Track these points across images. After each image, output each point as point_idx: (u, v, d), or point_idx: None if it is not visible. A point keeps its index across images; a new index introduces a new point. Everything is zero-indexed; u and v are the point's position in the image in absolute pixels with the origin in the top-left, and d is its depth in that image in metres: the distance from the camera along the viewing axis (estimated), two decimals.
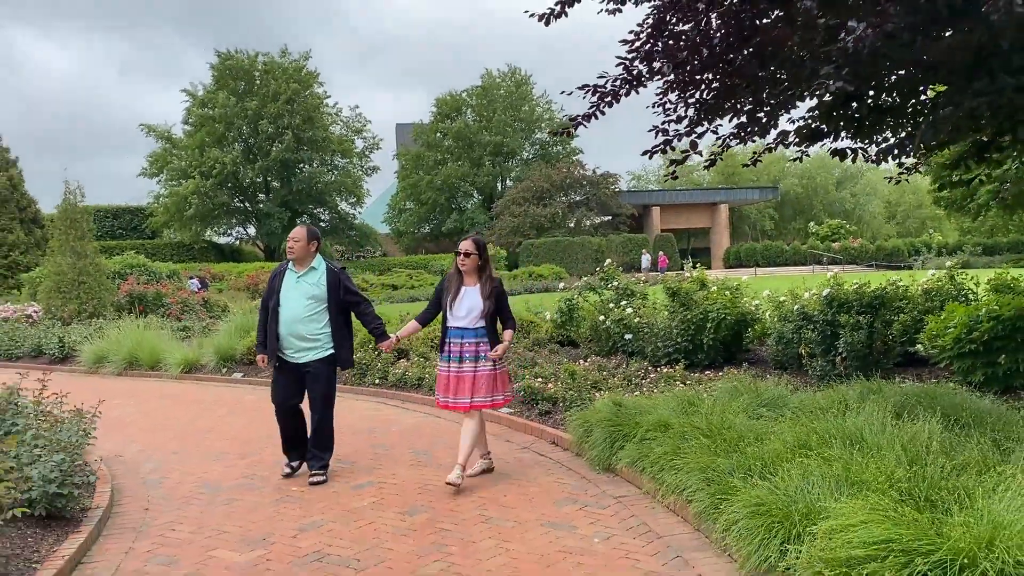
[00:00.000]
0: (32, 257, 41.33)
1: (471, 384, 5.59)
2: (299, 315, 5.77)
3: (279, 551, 4.43)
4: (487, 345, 5.62)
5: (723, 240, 55.65)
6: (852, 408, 5.48)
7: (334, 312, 5.86)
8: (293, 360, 5.82)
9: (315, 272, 5.89)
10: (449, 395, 5.66)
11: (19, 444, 4.81)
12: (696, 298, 9.81)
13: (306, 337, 5.78)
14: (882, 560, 3.04)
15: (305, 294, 5.81)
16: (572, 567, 4.03)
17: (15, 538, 4.30)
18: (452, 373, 5.64)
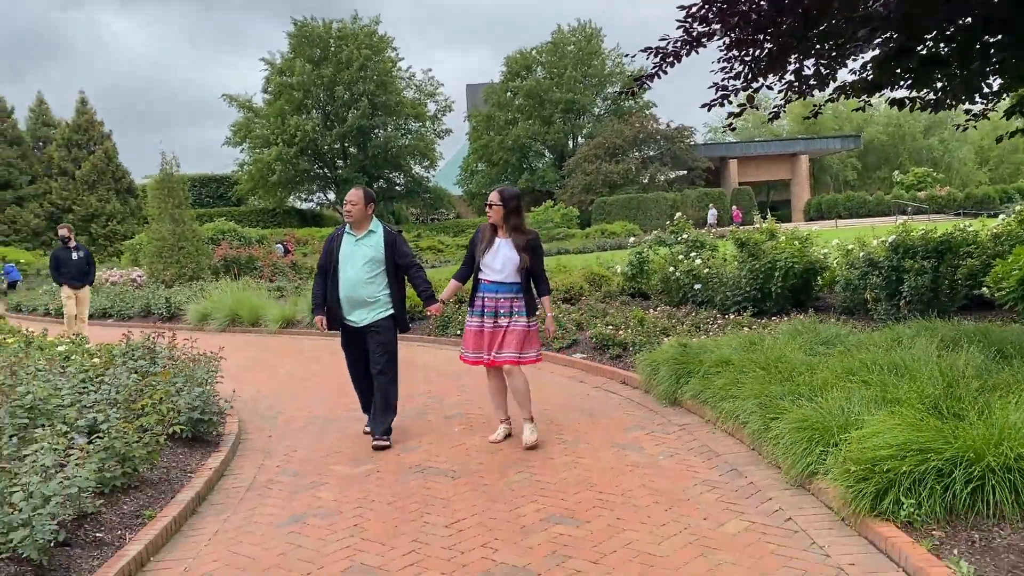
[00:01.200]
0: (128, 226, 43.73)
1: (502, 339, 5.38)
2: (360, 278, 5.68)
3: (387, 466, 5.17)
4: (521, 302, 5.41)
5: (803, 192, 54.56)
6: (904, 344, 5.89)
7: (392, 274, 5.79)
8: (355, 324, 5.76)
9: (373, 235, 5.81)
10: (482, 351, 5.43)
11: (168, 379, 5.67)
12: (764, 248, 10.17)
13: (367, 300, 5.70)
14: (901, 458, 3.54)
15: (364, 257, 5.71)
16: (639, 477, 4.63)
17: (171, 455, 5.15)
18: (487, 329, 5.41)
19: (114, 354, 6.71)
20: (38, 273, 33.45)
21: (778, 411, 4.71)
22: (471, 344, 5.50)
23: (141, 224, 43.99)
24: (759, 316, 9.50)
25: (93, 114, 44.46)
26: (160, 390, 5.25)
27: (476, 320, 5.47)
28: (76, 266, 12.67)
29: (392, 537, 3.96)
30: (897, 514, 3.50)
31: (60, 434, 4.21)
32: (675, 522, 3.93)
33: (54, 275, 12.91)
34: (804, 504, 4.03)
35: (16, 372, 5.18)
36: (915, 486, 3.52)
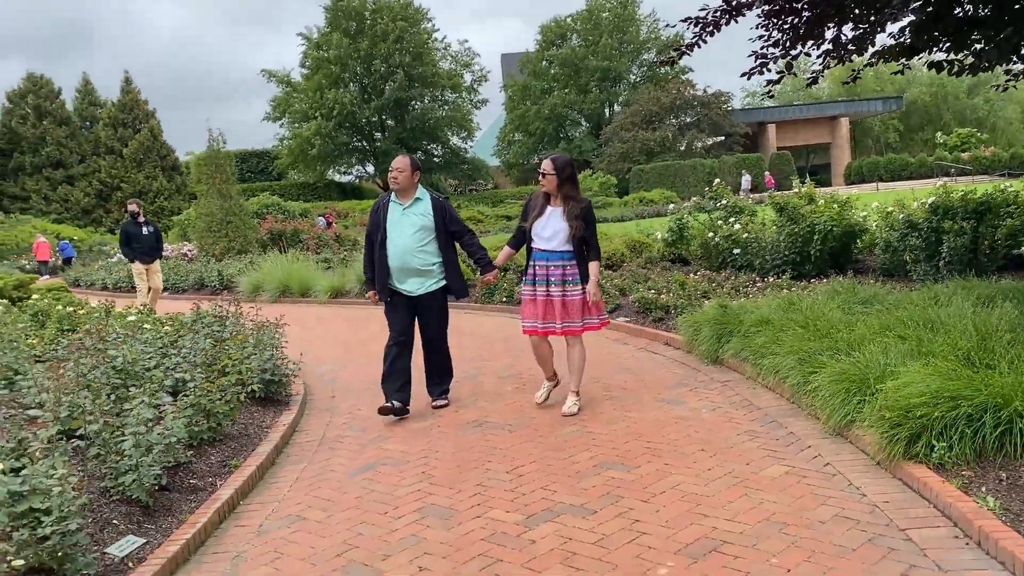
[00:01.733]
0: (175, 202, 44.81)
1: (561, 309, 5.36)
2: (410, 247, 5.61)
3: (446, 422, 5.54)
4: (575, 269, 5.38)
5: (844, 155, 53.76)
6: (941, 302, 6.08)
7: (443, 242, 5.72)
8: (406, 292, 5.69)
9: (421, 202, 5.73)
10: (537, 320, 5.43)
11: (240, 344, 6.08)
12: (803, 212, 10.30)
13: (418, 269, 5.64)
14: (934, 405, 3.78)
15: (413, 225, 5.64)
16: (684, 428, 4.93)
17: (247, 413, 5.56)
18: (540, 297, 5.40)
19: (184, 322, 7.15)
20: (90, 249, 34.52)
21: (817, 365, 4.96)
22: (527, 313, 5.47)
23: (187, 200, 45.14)
24: (798, 279, 9.67)
25: (137, 93, 45.43)
26: (235, 354, 5.66)
27: (529, 288, 5.47)
28: (147, 241, 12.92)
29: (458, 482, 4.32)
30: (929, 457, 3.75)
31: (151, 392, 4.62)
32: (719, 467, 4.22)
33: (125, 250, 13.20)
34: (841, 451, 4.30)
35: (104, 338, 5.61)
36: (946, 431, 3.76)
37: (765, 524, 3.48)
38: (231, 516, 4.11)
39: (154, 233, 13.17)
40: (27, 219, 37.16)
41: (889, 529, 3.34)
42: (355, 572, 3.35)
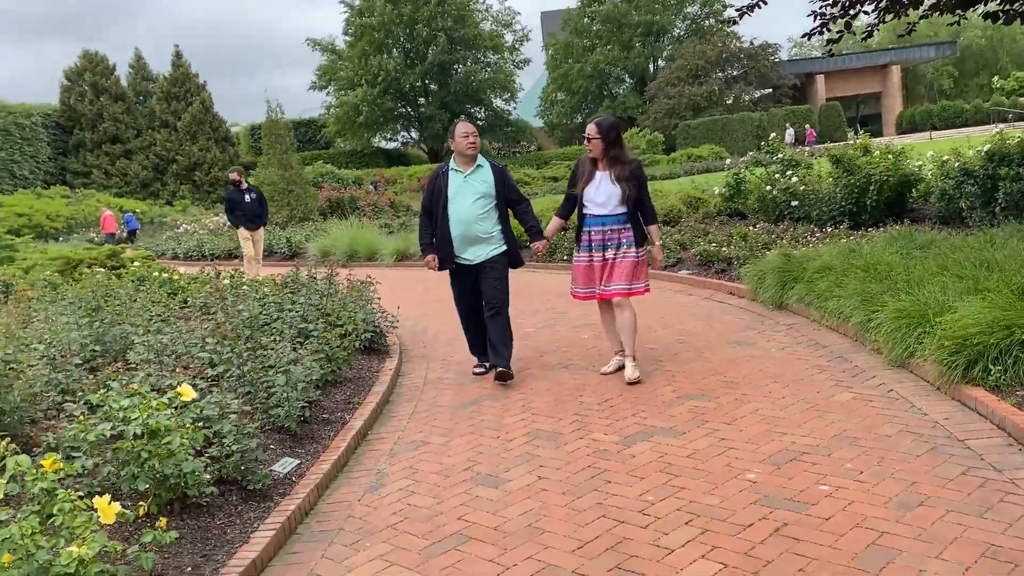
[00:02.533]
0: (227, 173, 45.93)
1: (611, 271, 5.36)
2: (473, 214, 5.58)
3: (534, 365, 6.11)
4: (630, 232, 5.36)
5: (895, 104, 52.70)
6: (996, 244, 6.42)
7: (502, 209, 5.72)
8: (468, 262, 5.67)
9: (482, 169, 5.70)
10: (593, 285, 5.44)
11: (340, 302, 6.70)
12: (859, 163, 10.56)
13: (481, 236, 5.62)
14: (989, 334, 4.21)
15: (475, 192, 5.61)
16: (756, 365, 5.41)
17: (356, 361, 6.19)
18: (595, 263, 5.40)
19: (283, 283, 7.79)
20: (151, 221, 35.72)
21: (878, 305, 5.39)
22: (582, 279, 5.48)
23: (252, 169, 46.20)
24: (855, 229, 9.96)
25: (188, 67, 46.32)
26: (340, 310, 6.28)
27: (585, 255, 5.46)
28: (250, 208, 13.02)
29: (557, 412, 4.88)
30: (986, 380, 4.19)
31: (279, 341, 5.25)
32: (792, 395, 4.71)
33: (229, 217, 13.39)
34: (904, 379, 4.75)
35: (225, 296, 6.26)
36: (1001, 356, 4.19)
37: (837, 439, 3.97)
38: (364, 442, 4.73)
39: (257, 199, 13.22)
40: (91, 193, 38.50)
41: (950, 440, 3.80)
42: (483, 480, 3.94)
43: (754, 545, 3.01)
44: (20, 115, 41.89)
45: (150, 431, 3.31)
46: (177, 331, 5.38)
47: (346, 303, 6.70)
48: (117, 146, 44.34)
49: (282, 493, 3.85)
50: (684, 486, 3.60)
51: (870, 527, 3.04)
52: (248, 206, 13.04)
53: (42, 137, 42.97)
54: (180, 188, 44.72)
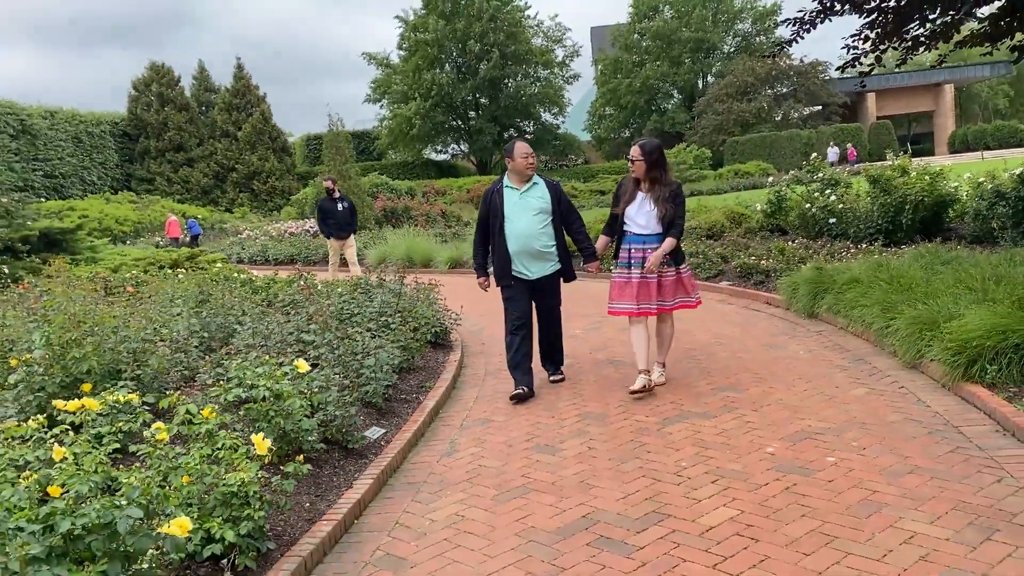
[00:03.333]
0: (285, 182, 47.41)
1: (657, 289, 5.55)
2: (532, 230, 5.70)
3: (582, 360, 6.80)
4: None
5: (948, 124, 52.30)
6: (1016, 262, 6.93)
7: (558, 225, 5.85)
8: (525, 276, 5.79)
9: (537, 186, 5.83)
10: (634, 302, 5.56)
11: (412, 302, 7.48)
12: (896, 184, 11.07)
13: (539, 252, 5.74)
14: (987, 337, 4.80)
15: (533, 208, 5.72)
16: (784, 364, 6.04)
17: (425, 353, 6.95)
18: (635, 280, 5.55)
19: (356, 285, 8.60)
20: (212, 227, 37.20)
21: (896, 313, 5.98)
22: (622, 296, 5.60)
23: (296, 180, 47.75)
24: (889, 246, 10.46)
25: (249, 79, 48.05)
26: (412, 308, 7.06)
27: (624, 271, 5.62)
28: (342, 216, 13.14)
29: (603, 398, 5.58)
30: (983, 378, 4.77)
31: (365, 330, 6.03)
32: (813, 389, 5.34)
33: (321, 226, 13.50)
34: (914, 378, 5.34)
35: (312, 295, 7.07)
36: (997, 357, 4.77)
37: (848, 423, 4.60)
38: (436, 419, 5.48)
39: (348, 208, 13.33)
40: (155, 199, 40.20)
41: (946, 427, 4.40)
42: (541, 449, 4.65)
43: (767, 498, 3.67)
44: (91, 123, 43.93)
45: (275, 395, 4.09)
46: (276, 322, 6.19)
47: (415, 303, 7.47)
48: (180, 154, 46.13)
49: (375, 453, 4.61)
50: (713, 456, 4.27)
51: (864, 487, 3.68)
52: (340, 215, 13.24)
53: (110, 145, 44.98)
54: (239, 196, 46.33)
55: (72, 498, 2.59)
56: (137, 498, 2.67)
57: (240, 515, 3.18)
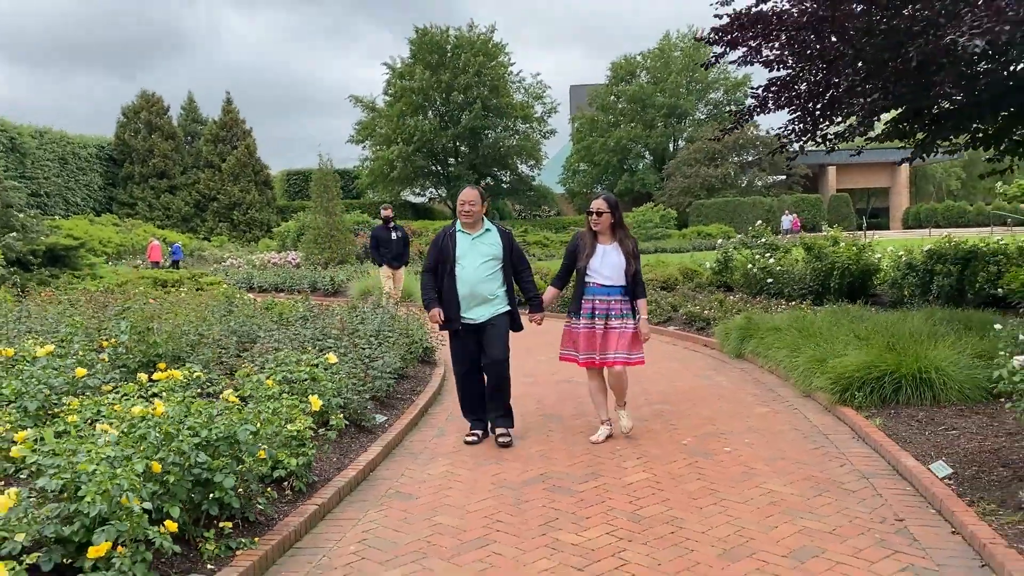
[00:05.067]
0: (265, 214, 48.57)
1: (616, 340, 5.66)
2: (481, 275, 5.75)
3: (543, 378, 8.15)
4: (629, 304, 5.74)
5: (902, 201, 55.14)
6: (907, 320, 8.45)
7: (508, 272, 5.90)
8: (472, 321, 5.80)
9: (490, 233, 5.89)
10: (595, 352, 5.70)
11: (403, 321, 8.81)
12: (827, 252, 12.69)
13: (487, 297, 5.78)
14: (858, 371, 6.24)
15: (484, 255, 5.79)
16: (710, 390, 7.45)
17: (415, 367, 8.26)
18: (598, 330, 5.67)
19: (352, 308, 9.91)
20: (192, 254, 38.17)
21: (799, 353, 7.44)
22: (584, 345, 5.73)
23: (276, 213, 48.98)
24: (818, 304, 12.01)
25: (237, 112, 49.46)
26: (408, 326, 8.39)
27: (586, 322, 5.73)
28: (395, 246, 13.24)
29: (562, 404, 6.93)
30: (852, 402, 6.20)
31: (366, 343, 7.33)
32: (727, 408, 6.74)
33: (374, 254, 13.54)
34: (805, 403, 6.77)
35: (324, 310, 8.37)
36: (863, 386, 6.21)
37: (746, 430, 5.99)
38: (427, 414, 6.79)
39: (402, 238, 13.40)
40: (138, 223, 41.12)
41: (819, 435, 5.81)
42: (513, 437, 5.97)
43: (675, 469, 5.04)
44: (78, 145, 44.89)
45: (312, 377, 5.40)
46: (295, 330, 7.49)
47: (407, 325, 8.80)
48: (163, 181, 47.16)
49: (381, 432, 5.91)
50: (641, 444, 5.64)
51: (746, 466, 5.07)
52: (393, 244, 13.32)
53: (96, 167, 45.92)
54: (218, 225, 47.34)
55: (205, 420, 3.87)
56: (246, 424, 3.96)
57: (298, 452, 4.46)
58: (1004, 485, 4.28)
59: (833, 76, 7.59)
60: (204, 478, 3.63)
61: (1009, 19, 5.34)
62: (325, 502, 4.38)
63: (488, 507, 4.49)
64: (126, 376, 5.57)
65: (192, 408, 3.89)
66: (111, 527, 3.04)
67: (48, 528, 3.09)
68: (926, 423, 5.64)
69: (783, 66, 7.95)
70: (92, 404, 4.19)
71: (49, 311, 7.71)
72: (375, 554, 3.88)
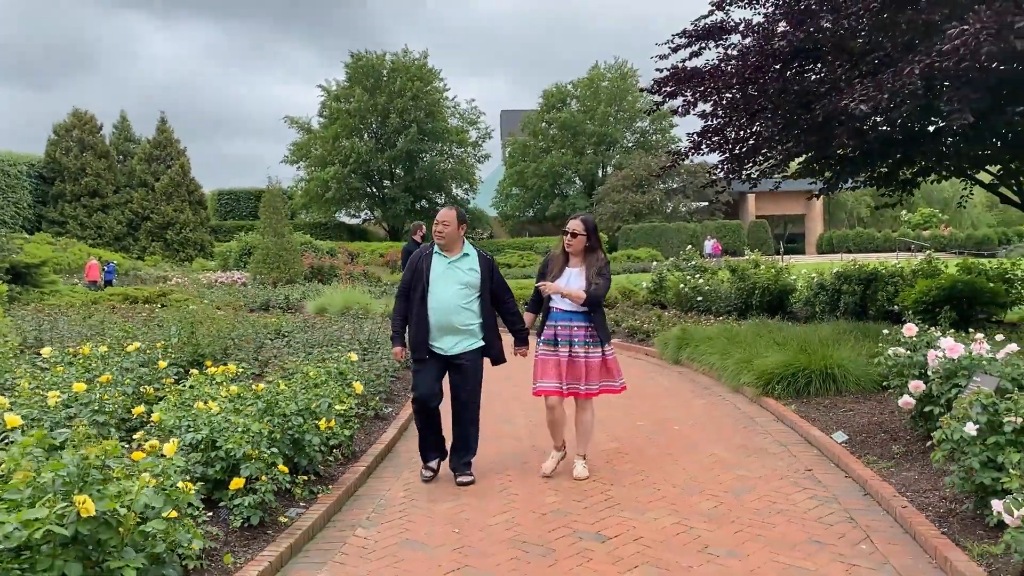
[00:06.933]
0: (199, 234, 48.56)
1: (584, 370, 5.33)
2: (453, 303, 5.27)
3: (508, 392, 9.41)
4: (595, 330, 5.38)
5: (817, 227, 58.49)
6: (817, 331, 10.00)
7: (486, 301, 5.41)
8: (440, 351, 5.32)
9: (468, 258, 5.44)
10: (561, 382, 5.33)
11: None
12: (749, 273, 14.33)
13: (459, 328, 5.30)
14: (778, 368, 7.68)
15: (458, 281, 5.32)
16: (655, 388, 8.81)
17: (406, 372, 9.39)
18: (563, 358, 5.31)
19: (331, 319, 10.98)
20: (127, 273, 38.09)
21: (728, 356, 8.88)
22: (550, 374, 5.34)
23: (210, 233, 49.03)
24: (742, 319, 13.61)
25: (171, 132, 49.40)
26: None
27: (550, 349, 5.35)
28: None
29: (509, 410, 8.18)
30: (773, 394, 7.64)
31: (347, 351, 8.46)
32: (671, 400, 8.11)
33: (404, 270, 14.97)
34: (736, 396, 8.19)
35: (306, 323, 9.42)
36: (782, 381, 7.65)
37: (689, 416, 7.36)
38: None
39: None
40: (73, 242, 40.76)
41: (747, 419, 7.21)
42: (501, 420, 7.19)
43: (635, 439, 6.36)
44: (7, 163, 44.22)
45: (341, 372, 6.53)
46: (304, 338, 8.55)
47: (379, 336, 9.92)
48: (96, 200, 46.69)
49: (393, 417, 7.05)
50: (602, 422, 6.94)
51: (692, 439, 6.42)
52: None
53: (26, 185, 45.25)
54: (151, 244, 47.10)
55: (291, 395, 4.98)
56: (319, 398, 5.10)
57: (346, 426, 5.60)
58: (883, 445, 5.73)
59: (755, 126, 9.15)
60: (295, 437, 4.76)
61: (887, 90, 6.87)
62: (370, 464, 5.54)
63: (490, 457, 5.71)
64: (179, 372, 6.59)
65: (280, 387, 5.00)
66: (249, 465, 4.16)
67: (197, 470, 4.19)
68: (830, 407, 7.11)
69: (715, 117, 9.48)
70: (195, 383, 5.28)
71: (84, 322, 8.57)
72: (420, 497, 5.07)
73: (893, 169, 10.29)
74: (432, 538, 4.38)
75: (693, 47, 9.68)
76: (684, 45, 9.72)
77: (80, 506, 2.68)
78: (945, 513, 4.33)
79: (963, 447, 4.11)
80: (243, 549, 3.96)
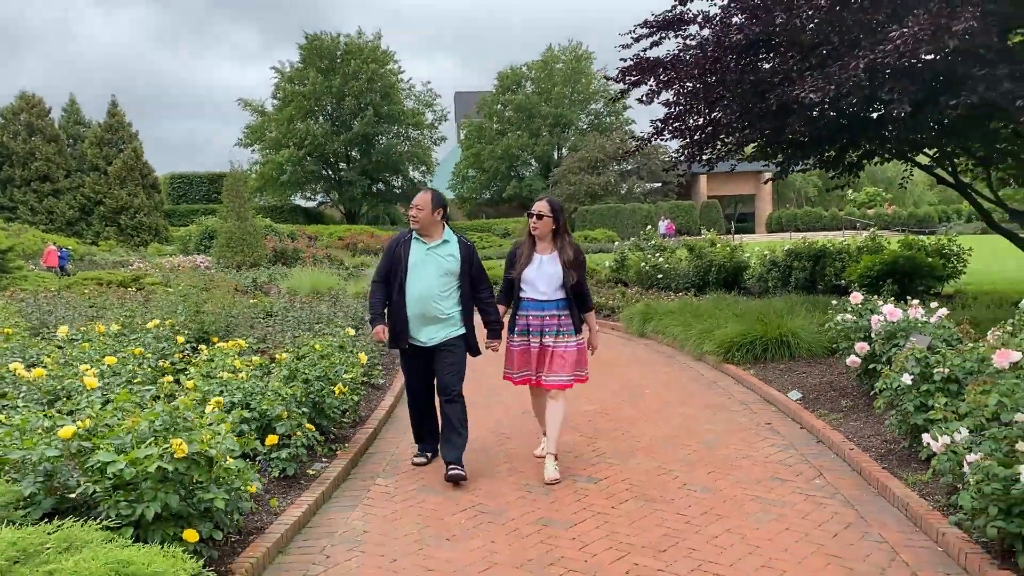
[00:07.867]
0: (152, 218, 48.05)
1: (556, 361, 5.12)
2: (432, 292, 5.09)
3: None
4: (568, 318, 5.16)
5: (766, 207, 60.00)
6: (770, 304, 10.78)
7: (466, 290, 5.22)
8: (421, 344, 5.18)
9: (448, 244, 5.22)
10: (529, 369, 5.21)
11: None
12: (706, 252, 15.11)
13: (439, 317, 5.13)
14: (737, 338, 8.39)
15: (439, 268, 5.13)
16: (625, 357, 9.49)
17: None
18: (534, 348, 5.15)
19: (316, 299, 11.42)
20: (82, 259, 37.69)
21: (691, 328, 9.59)
22: (518, 363, 5.25)
23: (164, 217, 48.55)
24: (700, 294, 14.38)
25: (123, 115, 48.65)
26: None
27: (521, 339, 5.21)
28: None
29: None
30: (733, 360, 8.36)
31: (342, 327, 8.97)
32: (640, 369, 8.79)
33: None
34: (699, 364, 8.90)
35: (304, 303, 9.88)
36: (741, 348, 8.37)
37: (659, 382, 8.04)
38: None
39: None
40: (26, 227, 40.09)
41: (711, 383, 7.91)
42: (488, 397, 7.78)
43: (612, 403, 7.02)
44: None
45: (340, 346, 7.05)
46: (293, 316, 9.01)
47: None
48: (46, 184, 45.91)
49: (388, 387, 7.59)
50: (583, 390, 7.57)
51: (663, 401, 7.10)
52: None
53: None
54: (105, 229, 46.48)
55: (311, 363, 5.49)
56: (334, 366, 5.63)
57: (355, 392, 6.14)
58: (833, 401, 6.47)
59: (714, 113, 9.84)
60: (315, 401, 5.29)
61: (835, 81, 7.57)
62: (376, 425, 6.10)
63: (488, 425, 6.31)
64: (185, 346, 7.03)
65: (301, 355, 5.53)
66: (284, 423, 4.69)
67: (238, 427, 4.71)
68: (785, 371, 7.85)
69: (676, 105, 10.14)
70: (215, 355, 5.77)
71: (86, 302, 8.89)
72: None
73: (840, 153, 11.08)
74: (446, 486, 4.96)
75: (654, 37, 10.31)
76: (646, 35, 10.34)
77: (176, 447, 3.21)
78: (885, 452, 5.05)
79: (900, 394, 4.83)
80: (282, 496, 4.50)
